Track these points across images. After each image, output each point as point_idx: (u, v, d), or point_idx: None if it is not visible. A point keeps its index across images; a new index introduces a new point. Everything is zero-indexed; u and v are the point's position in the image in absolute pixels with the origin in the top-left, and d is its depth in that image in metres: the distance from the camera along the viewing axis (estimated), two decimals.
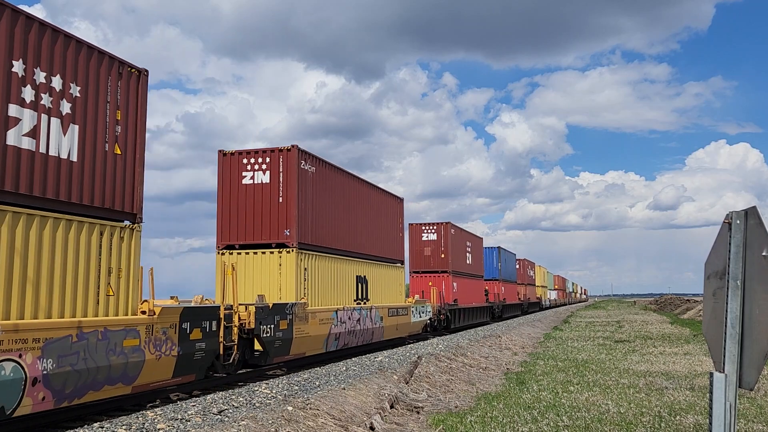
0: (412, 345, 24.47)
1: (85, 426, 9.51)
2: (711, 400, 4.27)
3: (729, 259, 4.28)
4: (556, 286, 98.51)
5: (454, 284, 34.10)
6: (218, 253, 18.02)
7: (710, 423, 4.26)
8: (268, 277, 17.57)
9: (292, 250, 17.55)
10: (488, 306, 43.02)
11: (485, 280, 43.92)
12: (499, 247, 48.80)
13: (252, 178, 18.07)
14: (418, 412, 11.38)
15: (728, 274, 4.27)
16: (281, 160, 18.02)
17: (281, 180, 17.96)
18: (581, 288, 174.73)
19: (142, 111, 11.57)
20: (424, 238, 34.15)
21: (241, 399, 11.54)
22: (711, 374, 4.28)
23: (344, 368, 16.42)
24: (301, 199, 18.04)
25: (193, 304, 12.95)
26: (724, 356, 4.26)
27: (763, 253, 4.17)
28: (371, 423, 9.84)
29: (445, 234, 34.17)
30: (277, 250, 17.67)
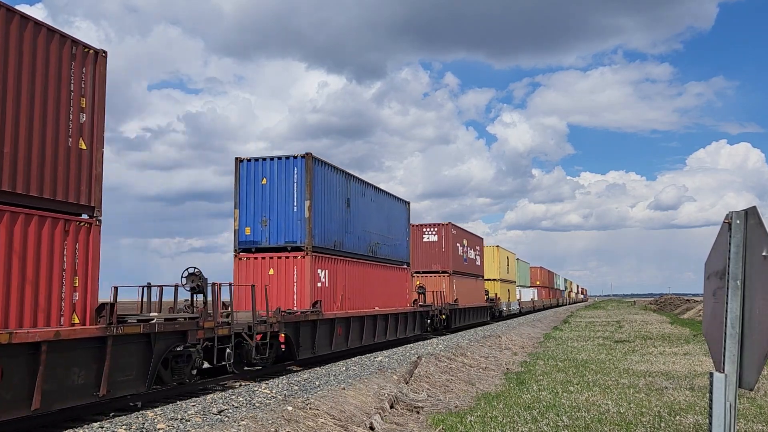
0: (411, 345, 24.47)
1: (85, 426, 9.51)
2: (711, 400, 4.27)
3: (729, 259, 4.27)
4: (538, 282, 74.29)
5: None
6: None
7: (710, 423, 4.26)
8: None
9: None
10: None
11: (246, 251, 18.39)
12: (308, 156, 18.50)
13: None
14: (418, 412, 11.38)
15: (728, 274, 4.27)
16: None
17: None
18: (578, 287, 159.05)
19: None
20: None
21: (241, 399, 11.54)
22: (711, 374, 4.28)
23: (344, 368, 16.43)
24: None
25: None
26: (724, 356, 4.25)
27: (763, 253, 4.17)
28: (371, 423, 9.84)
29: None
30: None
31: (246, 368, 15.53)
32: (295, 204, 18.44)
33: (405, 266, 27.18)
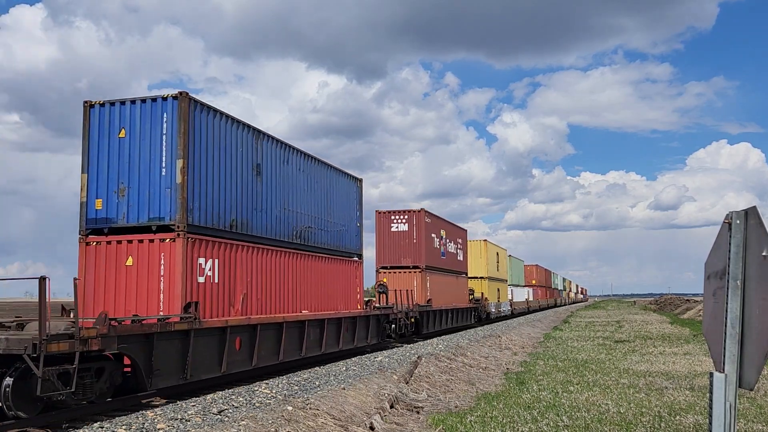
0: (412, 345, 24.47)
1: (85, 426, 9.52)
2: (711, 400, 4.27)
3: (729, 259, 4.28)
4: (534, 282, 69.89)
5: None
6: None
7: (710, 423, 4.26)
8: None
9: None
10: None
11: None
12: (183, 96, 13.02)
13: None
14: (418, 412, 11.39)
15: (728, 274, 4.27)
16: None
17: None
18: (578, 286, 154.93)
19: None
20: None
21: (241, 399, 11.54)
22: (711, 374, 4.28)
23: (344, 368, 16.43)
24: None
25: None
26: (724, 356, 4.26)
27: (763, 253, 4.17)
28: (371, 423, 9.84)
29: None
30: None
31: (77, 402, 10.31)
32: (164, 165, 13.03)
33: (355, 258, 21.81)
